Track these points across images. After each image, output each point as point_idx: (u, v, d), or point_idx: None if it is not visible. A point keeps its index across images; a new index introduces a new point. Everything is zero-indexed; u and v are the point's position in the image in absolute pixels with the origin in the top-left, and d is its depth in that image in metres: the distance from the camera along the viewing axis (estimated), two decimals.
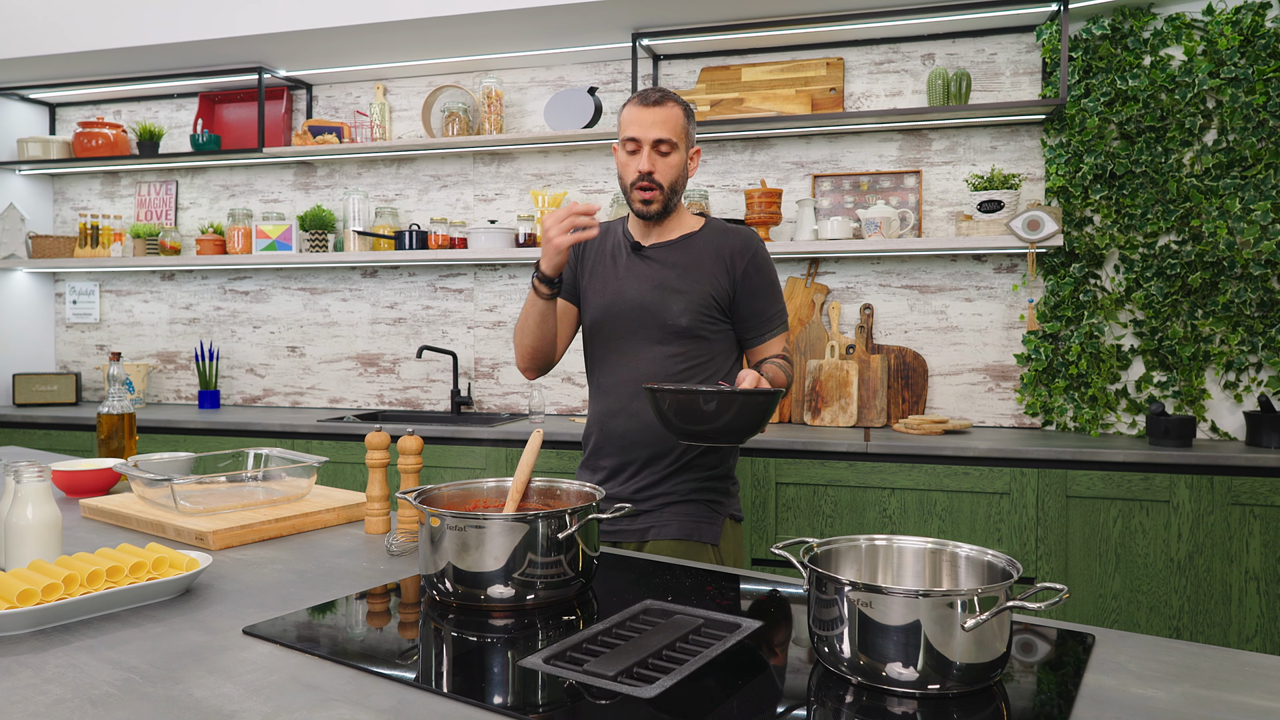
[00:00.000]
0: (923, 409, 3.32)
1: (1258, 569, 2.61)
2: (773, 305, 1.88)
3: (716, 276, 1.83)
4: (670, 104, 1.80)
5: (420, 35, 3.47)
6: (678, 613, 1.16)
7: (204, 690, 0.91)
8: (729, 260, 1.84)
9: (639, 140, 1.79)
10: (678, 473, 1.83)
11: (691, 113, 1.86)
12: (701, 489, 1.84)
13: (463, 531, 1.17)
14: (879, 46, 3.38)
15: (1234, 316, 2.97)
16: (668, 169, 1.80)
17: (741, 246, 1.86)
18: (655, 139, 1.78)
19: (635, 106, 1.80)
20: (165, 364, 4.30)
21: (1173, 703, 0.89)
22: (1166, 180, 3.01)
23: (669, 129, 1.78)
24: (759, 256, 1.87)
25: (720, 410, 1.44)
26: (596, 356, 1.92)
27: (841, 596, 0.92)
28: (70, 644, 1.04)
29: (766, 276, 1.87)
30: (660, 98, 1.80)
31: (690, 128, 1.84)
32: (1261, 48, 2.91)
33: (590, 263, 1.95)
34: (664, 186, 1.80)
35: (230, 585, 1.29)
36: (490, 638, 1.09)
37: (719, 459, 1.86)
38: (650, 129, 1.77)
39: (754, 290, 1.86)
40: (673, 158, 1.80)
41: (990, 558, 0.99)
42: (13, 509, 1.28)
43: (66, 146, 4.17)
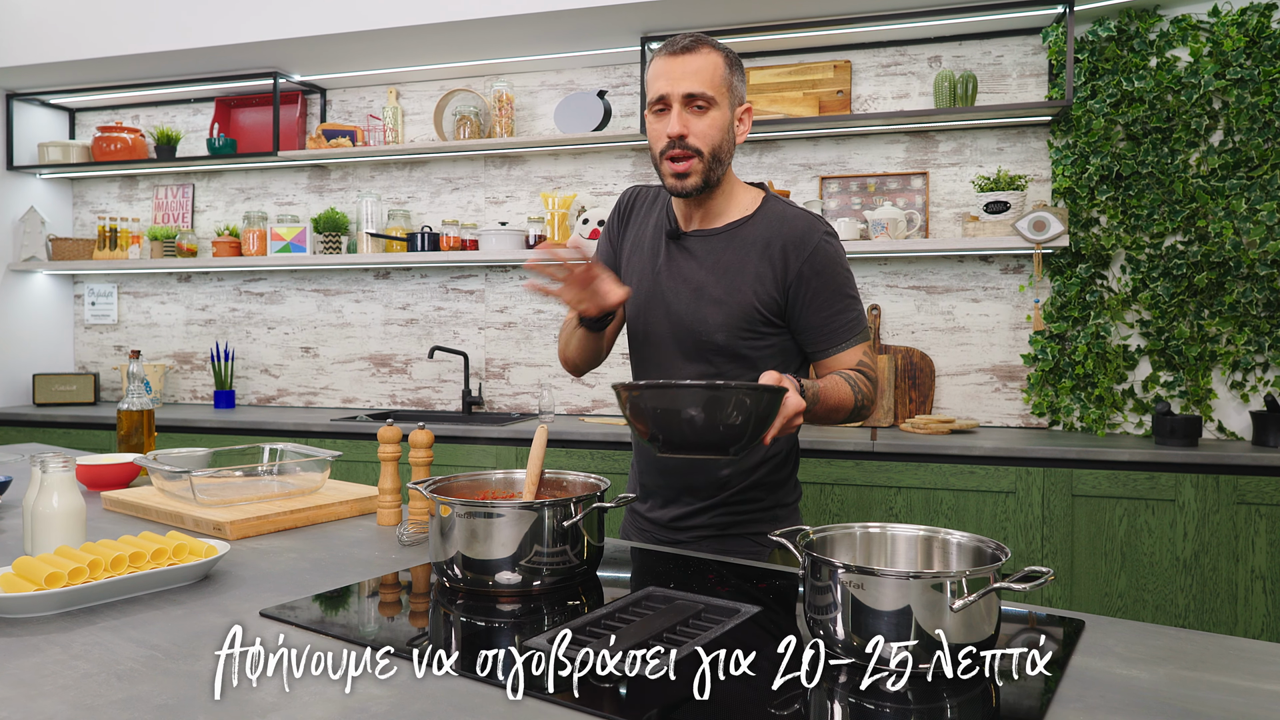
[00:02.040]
0: (930, 409, 3.35)
1: (1264, 568, 2.63)
2: (840, 314, 1.52)
3: (762, 281, 1.51)
4: (705, 49, 1.46)
5: (432, 40, 3.52)
6: (679, 598, 1.19)
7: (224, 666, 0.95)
8: (781, 259, 1.51)
9: (667, 97, 1.46)
10: (716, 509, 1.60)
11: (736, 62, 1.51)
12: (743, 522, 1.61)
13: (472, 520, 1.20)
14: (886, 49, 3.41)
15: (1240, 316, 2.99)
16: (706, 130, 1.46)
17: (798, 241, 1.51)
18: (686, 93, 1.44)
19: (663, 57, 1.47)
20: (181, 364, 4.37)
21: (1155, 683, 0.92)
22: (1173, 181, 3.03)
23: (704, 80, 1.44)
24: (820, 254, 1.50)
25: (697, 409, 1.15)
26: (634, 361, 1.69)
27: (835, 579, 0.95)
28: (95, 624, 1.09)
29: (831, 279, 1.51)
30: (692, 43, 1.46)
31: (735, 80, 1.50)
32: (1267, 49, 2.93)
33: (629, 246, 1.67)
34: (703, 153, 1.46)
35: (247, 572, 1.33)
36: (498, 622, 1.13)
37: (766, 490, 1.61)
38: (680, 81, 1.44)
39: (813, 297, 1.51)
40: (712, 115, 1.46)
41: (980, 544, 1.02)
42: (39, 498, 1.33)
43: (86, 151, 4.25)
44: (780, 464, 1.64)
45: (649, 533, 1.69)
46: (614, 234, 1.71)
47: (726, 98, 1.48)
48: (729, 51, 1.50)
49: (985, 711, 0.88)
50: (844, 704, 0.88)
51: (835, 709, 0.88)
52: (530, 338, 3.86)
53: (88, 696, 0.88)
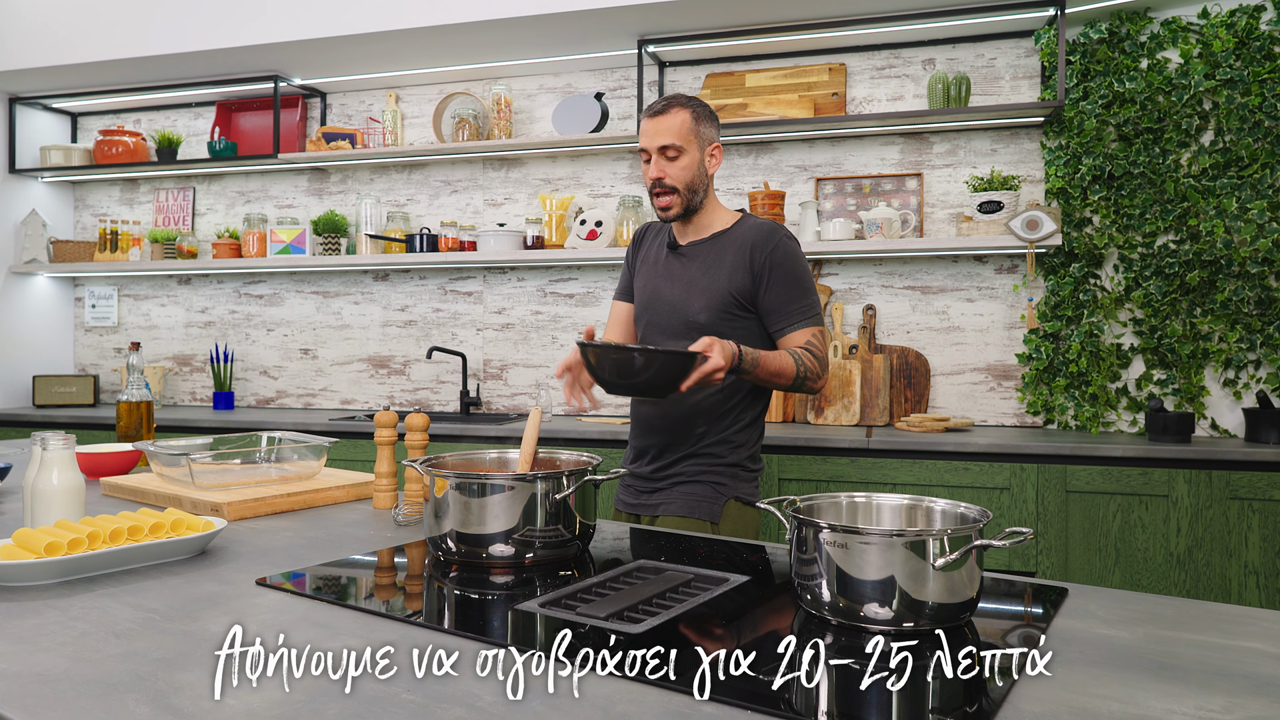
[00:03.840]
0: (925, 408, 3.36)
1: (1257, 563, 2.64)
2: (795, 300, 1.89)
3: (737, 272, 1.89)
4: (674, 110, 1.88)
5: (431, 43, 3.56)
6: (669, 569, 1.21)
7: (219, 626, 0.97)
8: (750, 254, 1.89)
9: (647, 150, 1.90)
10: (689, 458, 1.94)
11: (704, 112, 1.92)
12: (708, 471, 1.93)
13: (466, 491, 1.22)
14: (880, 52, 3.45)
15: (1232, 314, 3.01)
16: (678, 172, 1.88)
17: (764, 240, 1.90)
18: (660, 145, 1.87)
19: (644, 119, 1.91)
20: (181, 366, 4.39)
21: (1134, 640, 0.93)
22: (1164, 181, 3.05)
23: (672, 134, 1.86)
24: (780, 250, 1.89)
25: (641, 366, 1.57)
26: (640, 339, 2.07)
27: (819, 541, 0.97)
28: (94, 592, 1.10)
29: (788, 270, 1.89)
30: (663, 106, 1.89)
31: (701, 127, 1.90)
32: (1256, 50, 2.96)
33: (641, 265, 2.09)
34: (679, 189, 1.89)
35: (244, 548, 1.35)
36: (490, 593, 1.14)
37: (730, 448, 1.94)
38: (655, 138, 1.88)
39: (772, 283, 1.89)
40: (682, 160, 1.88)
41: (964, 509, 1.04)
42: (39, 474, 1.35)
43: (87, 154, 4.28)
44: (744, 427, 1.98)
45: (634, 487, 2.02)
46: (631, 261, 2.14)
47: (694, 143, 1.89)
48: (697, 106, 1.91)
49: (955, 667, 0.90)
50: (827, 666, 0.90)
51: (801, 669, 0.90)
52: (528, 339, 3.88)
53: (86, 652, 0.89)
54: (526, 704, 0.77)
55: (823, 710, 0.77)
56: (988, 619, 1.02)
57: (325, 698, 0.78)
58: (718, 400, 1.93)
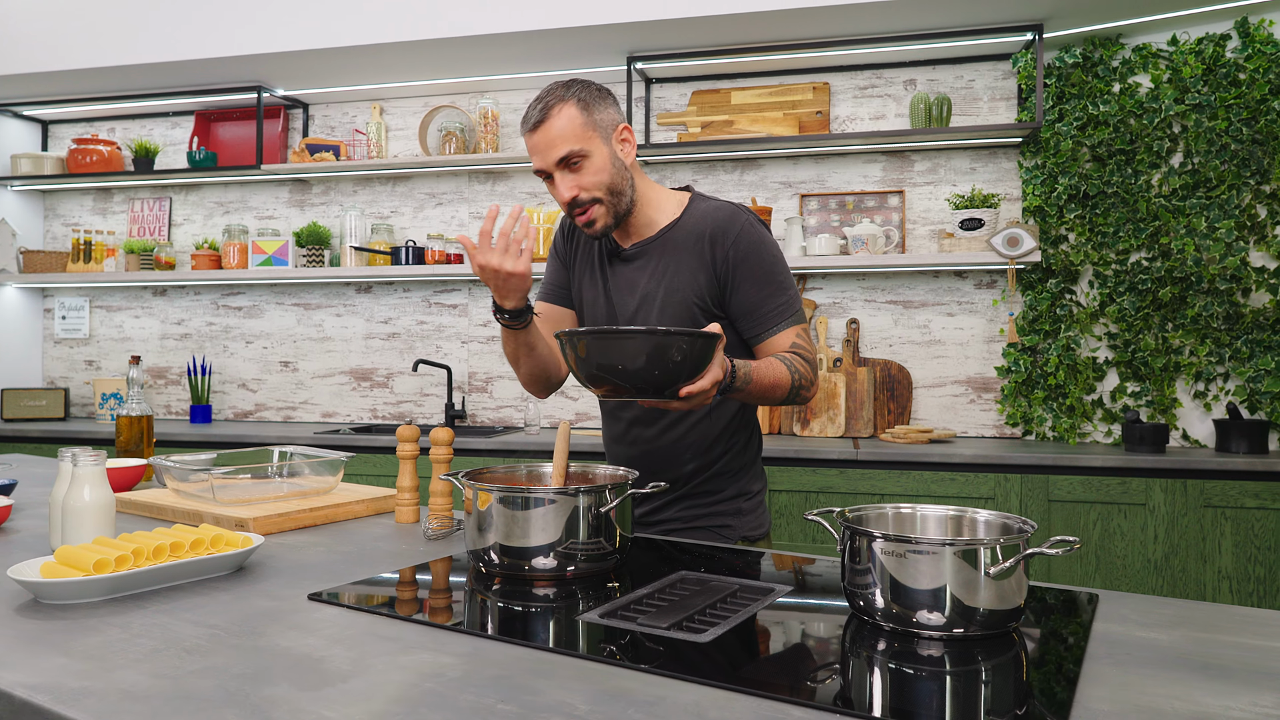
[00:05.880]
0: (908, 420, 3.44)
1: (1229, 568, 2.74)
2: (771, 298, 1.60)
3: (697, 275, 1.60)
4: (555, 110, 1.53)
5: (417, 57, 3.57)
6: (713, 580, 1.24)
7: (288, 641, 0.98)
8: (709, 249, 1.60)
9: (544, 170, 1.57)
10: (681, 501, 1.70)
11: (592, 94, 1.57)
12: (706, 515, 1.70)
13: (511, 505, 1.24)
14: (863, 72, 3.54)
15: (1202, 329, 3.13)
16: (592, 179, 1.56)
17: (722, 230, 1.59)
18: (557, 159, 1.54)
19: (525, 136, 1.58)
20: (156, 379, 4.32)
21: (1174, 642, 0.99)
22: (1136, 200, 3.17)
23: (565, 140, 1.53)
24: (744, 238, 1.59)
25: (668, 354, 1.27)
26: None
27: (874, 550, 1.01)
28: (147, 609, 1.10)
29: (757, 263, 1.59)
30: (541, 113, 1.54)
31: (596, 114, 1.55)
32: (1223, 76, 3.09)
33: (579, 265, 1.76)
34: (600, 197, 1.57)
35: (280, 564, 1.35)
36: (538, 606, 1.16)
37: (727, 479, 1.71)
38: (547, 152, 1.54)
39: (741, 280, 1.59)
40: (590, 164, 1.55)
41: (1007, 520, 1.09)
42: (70, 491, 1.34)
43: (59, 163, 4.20)
44: (741, 450, 1.73)
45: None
46: (562, 251, 1.80)
47: (596, 137, 1.55)
48: (581, 93, 1.55)
49: (1019, 670, 0.94)
50: (883, 669, 0.93)
51: (874, 673, 0.94)
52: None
53: (164, 668, 0.90)
54: (622, 712, 0.79)
55: (912, 712, 0.81)
56: (1030, 625, 1.07)
57: (423, 708, 0.80)
58: (703, 428, 1.66)
